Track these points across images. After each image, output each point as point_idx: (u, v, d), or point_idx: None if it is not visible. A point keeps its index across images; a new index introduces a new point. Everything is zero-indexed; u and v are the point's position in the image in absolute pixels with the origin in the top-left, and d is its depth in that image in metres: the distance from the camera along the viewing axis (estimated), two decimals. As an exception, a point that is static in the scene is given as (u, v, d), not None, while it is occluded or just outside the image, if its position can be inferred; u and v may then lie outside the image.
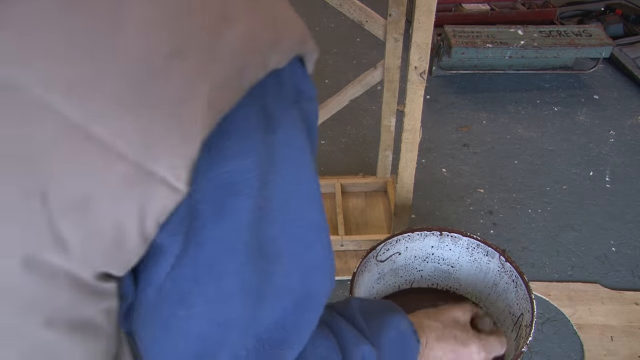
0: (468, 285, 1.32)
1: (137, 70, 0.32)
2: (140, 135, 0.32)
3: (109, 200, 0.33)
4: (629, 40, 2.55)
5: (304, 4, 3.06)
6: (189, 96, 0.33)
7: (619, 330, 1.40)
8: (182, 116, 0.32)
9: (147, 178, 0.33)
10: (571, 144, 2.08)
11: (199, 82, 0.33)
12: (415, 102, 1.16)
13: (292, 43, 0.39)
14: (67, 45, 0.31)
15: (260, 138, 0.36)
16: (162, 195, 0.33)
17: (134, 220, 0.34)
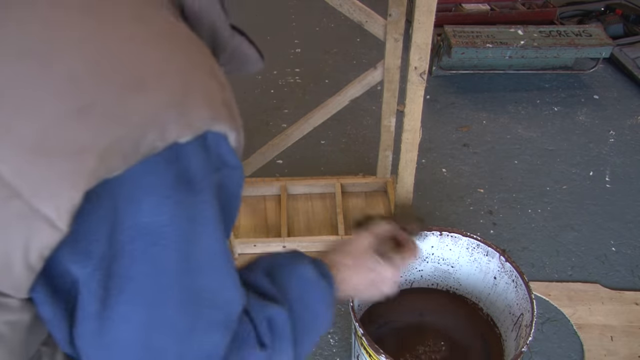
0: (468, 285, 1.32)
1: (46, 120, 0.37)
2: (37, 178, 0.37)
3: (1, 230, 0.39)
4: (629, 40, 2.55)
5: (304, 4, 3.07)
6: (83, 151, 0.37)
7: (619, 330, 1.40)
8: (73, 167, 0.38)
9: (34, 215, 0.38)
10: (571, 144, 2.08)
11: (96, 140, 0.38)
12: (415, 102, 1.16)
13: (197, 121, 0.41)
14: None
15: (178, 198, 0.41)
16: (45, 233, 0.39)
17: (20, 250, 0.39)
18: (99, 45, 0.39)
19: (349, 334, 1.39)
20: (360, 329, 0.99)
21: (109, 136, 0.38)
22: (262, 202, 1.68)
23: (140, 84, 0.39)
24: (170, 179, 0.41)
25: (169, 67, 0.41)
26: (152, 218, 0.41)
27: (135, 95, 0.39)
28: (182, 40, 0.44)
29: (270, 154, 1.58)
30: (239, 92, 2.34)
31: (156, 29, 0.43)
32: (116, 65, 0.39)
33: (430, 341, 1.28)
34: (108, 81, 0.38)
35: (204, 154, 0.42)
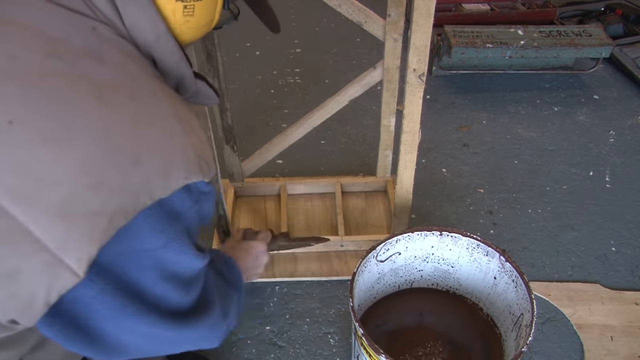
0: (468, 285, 1.32)
1: (68, 191, 0.49)
2: (62, 235, 0.49)
3: (30, 275, 0.50)
4: (629, 40, 2.55)
5: (304, 4, 3.07)
6: (97, 215, 0.50)
7: (619, 330, 1.40)
8: (90, 228, 0.50)
9: (59, 265, 0.50)
10: (571, 144, 2.08)
11: (106, 207, 0.51)
12: (414, 103, 1.16)
13: (175, 182, 0.56)
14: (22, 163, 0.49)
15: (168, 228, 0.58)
16: (66, 278, 0.51)
17: (44, 291, 0.51)
18: (105, 131, 0.52)
19: (349, 334, 1.40)
20: (360, 329, 0.99)
21: (115, 203, 0.52)
22: (262, 202, 1.68)
23: (135, 161, 0.53)
24: (156, 220, 0.56)
25: (156, 143, 0.55)
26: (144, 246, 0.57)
27: (132, 171, 0.52)
28: (166, 112, 0.58)
29: (270, 154, 1.59)
30: (240, 92, 2.34)
31: (147, 106, 0.57)
32: (117, 148, 0.52)
33: (430, 341, 1.28)
34: (112, 162, 0.52)
35: (186, 194, 0.58)
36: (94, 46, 0.56)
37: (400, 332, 1.31)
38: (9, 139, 0.49)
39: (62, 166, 0.50)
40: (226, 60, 1.34)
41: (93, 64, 0.55)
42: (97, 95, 0.53)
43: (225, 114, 1.44)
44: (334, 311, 1.46)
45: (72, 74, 0.53)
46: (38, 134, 0.49)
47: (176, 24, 0.64)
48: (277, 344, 1.38)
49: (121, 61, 0.57)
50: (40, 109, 0.50)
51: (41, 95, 0.51)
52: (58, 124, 0.50)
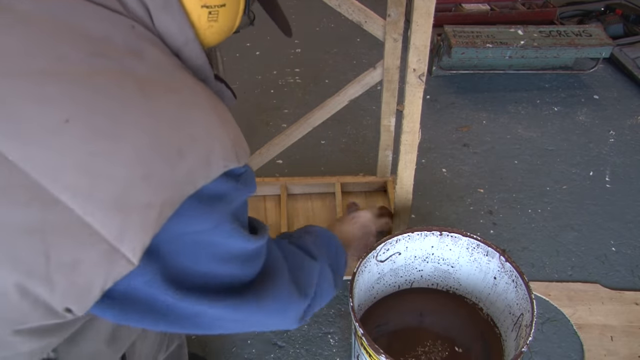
0: (468, 285, 1.32)
1: (121, 185, 0.52)
2: (118, 227, 0.53)
3: (90, 265, 0.53)
4: (629, 40, 2.55)
5: (304, 4, 3.07)
6: (149, 207, 0.54)
7: (619, 330, 1.40)
8: (143, 219, 0.54)
9: (115, 254, 0.53)
10: (571, 144, 2.08)
11: (156, 198, 0.54)
12: (414, 104, 1.16)
13: (215, 171, 0.59)
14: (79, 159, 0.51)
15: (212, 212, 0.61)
16: (122, 266, 0.54)
17: (101, 280, 0.54)
18: (151, 126, 0.55)
19: (349, 334, 1.40)
20: (360, 329, 0.99)
21: (165, 194, 0.55)
22: (262, 202, 1.68)
23: (180, 153, 0.56)
24: (201, 205, 0.59)
25: (197, 134, 0.58)
26: (192, 228, 0.60)
27: (178, 162, 0.55)
28: (202, 104, 0.61)
29: (270, 154, 1.58)
30: (240, 92, 2.34)
31: (186, 99, 0.60)
32: (164, 141, 0.55)
33: (430, 341, 1.28)
34: (160, 155, 0.55)
35: (226, 178, 0.61)
36: (134, 44, 0.58)
37: (400, 332, 1.31)
38: (67, 136, 0.51)
39: (115, 161, 0.52)
40: (226, 60, 1.34)
41: (135, 61, 0.58)
42: (141, 90, 0.56)
43: (225, 114, 1.44)
44: (334, 311, 1.46)
45: (117, 71, 0.55)
46: (92, 131, 0.52)
47: (201, 29, 0.67)
48: (277, 344, 1.38)
49: (159, 58, 0.61)
50: (92, 107, 0.53)
51: (91, 93, 0.53)
52: (109, 121, 0.53)
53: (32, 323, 0.55)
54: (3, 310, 0.53)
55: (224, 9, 0.68)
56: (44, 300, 0.54)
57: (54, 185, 0.51)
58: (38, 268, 0.52)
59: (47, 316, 0.55)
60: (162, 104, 0.57)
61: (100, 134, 0.52)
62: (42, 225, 0.51)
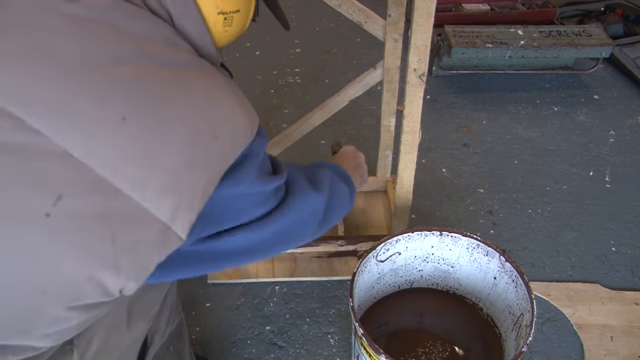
0: (468, 285, 1.32)
1: (170, 171, 0.60)
2: (171, 209, 0.60)
3: (148, 244, 0.60)
4: (629, 40, 2.55)
5: (304, 4, 3.07)
6: (194, 187, 0.62)
7: (619, 330, 1.40)
8: (191, 200, 0.62)
9: (168, 232, 0.61)
10: (571, 144, 2.08)
11: (200, 180, 0.62)
12: (414, 104, 1.16)
13: (240, 148, 0.67)
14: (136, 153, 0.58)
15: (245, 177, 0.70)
16: (174, 242, 0.62)
17: (156, 256, 0.62)
18: (189, 116, 0.61)
19: (349, 334, 1.40)
20: (360, 329, 0.99)
21: (206, 176, 0.63)
22: (262, 202, 1.68)
23: (214, 138, 0.63)
24: (231, 175, 0.67)
25: (224, 118, 0.65)
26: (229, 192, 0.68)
27: (213, 146, 0.63)
28: (224, 89, 0.67)
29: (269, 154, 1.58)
30: (239, 92, 2.34)
31: (212, 87, 0.66)
32: (201, 128, 0.62)
33: (430, 341, 1.28)
34: (200, 141, 0.62)
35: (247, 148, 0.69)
36: (169, 38, 0.65)
37: (400, 332, 1.31)
38: (125, 133, 0.57)
39: (165, 151, 0.59)
40: (226, 60, 1.34)
41: (171, 54, 0.64)
42: (178, 82, 0.62)
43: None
44: (334, 311, 1.46)
45: (159, 67, 0.61)
46: (144, 127, 0.58)
47: (216, 33, 0.74)
48: (277, 344, 1.38)
49: (188, 49, 0.67)
50: (143, 103, 0.59)
51: (141, 90, 0.59)
52: (157, 117, 0.59)
53: (87, 300, 0.60)
54: (63, 289, 0.58)
55: (238, 14, 0.75)
56: (107, 284, 0.59)
57: (114, 178, 0.57)
58: (106, 252, 0.58)
59: (102, 296, 0.61)
60: (195, 92, 0.64)
61: (150, 130, 0.59)
62: (105, 212, 0.57)
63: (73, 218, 0.56)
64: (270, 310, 1.46)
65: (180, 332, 1.06)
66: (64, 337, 0.65)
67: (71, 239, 0.56)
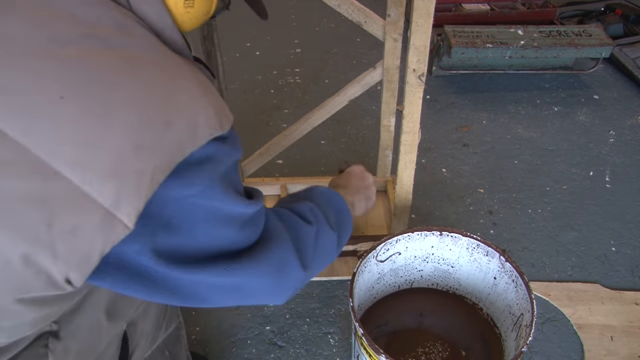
0: (468, 285, 1.32)
1: (115, 155, 0.56)
2: (114, 195, 0.56)
3: (89, 230, 0.57)
4: (629, 40, 2.55)
5: (304, 4, 3.07)
6: (141, 173, 0.57)
7: (619, 330, 1.40)
8: (137, 185, 0.57)
9: (113, 219, 0.57)
10: (571, 144, 2.08)
11: (148, 166, 0.58)
12: (414, 104, 1.16)
13: (202, 139, 0.62)
14: (75, 133, 0.55)
15: (201, 176, 0.64)
16: (119, 230, 0.58)
17: (100, 244, 0.58)
18: (140, 99, 0.59)
19: (349, 334, 1.40)
20: (360, 329, 0.99)
21: (156, 161, 0.59)
22: (262, 203, 1.68)
23: (167, 124, 0.59)
24: (190, 170, 0.62)
25: (183, 106, 0.62)
26: (183, 193, 0.63)
27: (166, 133, 0.59)
28: (187, 77, 0.64)
29: (270, 154, 1.58)
30: (239, 92, 2.34)
31: (171, 73, 0.63)
32: (153, 113, 0.59)
33: (430, 341, 1.28)
34: (150, 126, 0.58)
35: (212, 144, 0.64)
36: (121, 23, 0.62)
37: (400, 332, 1.31)
38: (63, 112, 0.55)
39: (107, 134, 0.56)
40: (226, 60, 1.34)
41: (124, 39, 0.61)
42: (130, 66, 0.60)
43: (225, 114, 1.44)
44: (334, 311, 1.46)
45: (107, 49, 0.59)
46: (86, 106, 0.56)
47: (178, 14, 0.70)
48: (277, 344, 1.38)
49: (145, 34, 0.64)
50: (84, 84, 0.56)
51: (83, 71, 0.57)
52: (101, 97, 0.57)
53: (34, 293, 0.59)
54: (7, 278, 0.57)
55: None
56: (47, 269, 0.57)
57: (52, 158, 0.55)
58: (41, 236, 0.56)
59: (48, 287, 0.59)
60: (149, 78, 0.61)
61: (93, 109, 0.56)
62: (43, 195, 0.55)
63: (8, 200, 0.54)
64: (270, 310, 1.46)
65: (177, 336, 1.05)
66: (20, 334, 0.64)
67: (5, 221, 0.55)
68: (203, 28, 1.25)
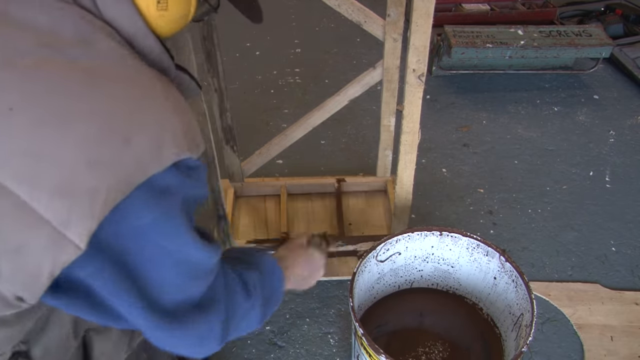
0: (468, 285, 1.32)
1: (67, 170, 0.53)
2: (64, 213, 0.53)
3: (35, 250, 0.54)
4: (629, 40, 2.55)
5: (304, 4, 3.07)
6: (95, 191, 0.54)
7: (619, 330, 1.40)
8: (89, 204, 0.54)
9: (62, 239, 0.53)
10: (571, 144, 2.08)
11: (103, 183, 0.54)
12: (414, 104, 1.16)
13: (166, 159, 0.59)
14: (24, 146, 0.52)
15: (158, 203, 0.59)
16: (69, 251, 0.54)
17: (49, 265, 0.55)
18: (97, 113, 0.55)
19: (349, 334, 1.40)
20: (360, 329, 0.99)
21: (111, 180, 0.55)
22: (262, 202, 1.68)
23: (127, 140, 0.56)
24: (150, 195, 0.58)
25: (147, 122, 0.58)
26: (141, 221, 0.59)
27: (124, 149, 0.55)
28: (154, 92, 0.61)
29: (270, 154, 1.59)
30: (240, 92, 2.34)
31: (137, 87, 0.60)
32: (112, 128, 0.55)
33: (430, 341, 1.28)
34: (108, 141, 0.55)
35: (176, 170, 0.60)
36: (84, 34, 0.59)
37: (400, 332, 1.31)
38: (11, 124, 0.52)
39: (59, 147, 0.53)
40: (226, 60, 1.34)
41: (84, 50, 0.58)
42: (88, 79, 0.56)
43: (225, 114, 1.44)
44: (334, 311, 1.46)
45: (64, 61, 0.56)
46: (37, 118, 0.53)
47: (151, 18, 0.66)
48: (277, 344, 1.38)
49: (111, 46, 0.61)
50: (37, 96, 0.54)
51: (37, 82, 0.54)
52: (54, 109, 0.54)
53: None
54: None
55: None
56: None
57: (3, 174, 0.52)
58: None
59: (1, 306, 0.57)
60: (110, 92, 0.57)
61: (44, 122, 0.53)
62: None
63: None
64: (270, 310, 1.46)
65: None
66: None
67: None
68: (203, 28, 1.25)
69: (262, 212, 1.65)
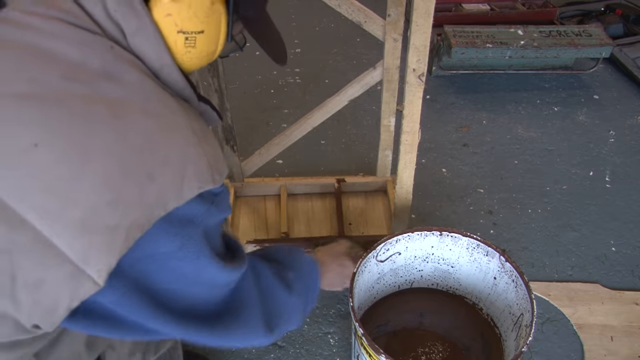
0: (468, 285, 1.32)
1: (88, 208, 0.54)
2: (83, 249, 0.54)
3: (54, 285, 0.55)
4: (629, 40, 2.55)
5: (304, 4, 3.07)
6: (115, 229, 0.55)
7: (619, 330, 1.40)
8: (109, 241, 0.55)
9: (81, 275, 0.55)
10: (571, 144, 2.08)
11: (123, 221, 0.55)
12: (414, 104, 1.16)
13: (189, 193, 0.60)
14: (47, 182, 0.53)
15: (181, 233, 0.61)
16: (88, 287, 0.55)
17: (67, 299, 0.56)
18: (120, 150, 0.55)
19: (349, 334, 1.40)
20: (360, 329, 0.99)
21: (132, 217, 0.55)
22: (262, 202, 1.68)
23: (150, 177, 0.56)
24: (171, 226, 0.59)
25: (170, 156, 0.59)
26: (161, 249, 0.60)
27: (148, 186, 0.56)
28: (180, 125, 0.62)
29: (270, 154, 1.59)
30: (240, 92, 2.34)
31: (161, 121, 0.60)
32: (133, 165, 0.56)
33: (430, 341, 1.28)
34: (128, 179, 0.55)
35: (199, 200, 0.61)
36: (111, 66, 0.59)
37: (401, 332, 1.30)
38: (36, 161, 0.53)
39: (82, 184, 0.54)
40: (226, 60, 1.34)
41: (109, 84, 0.58)
42: (113, 114, 0.56)
43: (225, 114, 1.44)
44: (334, 311, 1.46)
45: (89, 96, 0.56)
46: (60, 154, 0.54)
47: (178, 54, 0.67)
48: (277, 343, 1.38)
49: (137, 79, 0.61)
50: (61, 131, 0.54)
51: (61, 117, 0.54)
52: (78, 145, 0.54)
53: (3, 338, 0.58)
54: None
55: (202, 35, 0.67)
56: (12, 316, 0.56)
57: (20, 206, 0.52)
58: (4, 288, 0.54)
59: (17, 332, 0.57)
60: (135, 127, 0.57)
61: (68, 158, 0.54)
62: (9, 246, 0.53)
63: None
64: (270, 310, 1.46)
65: (170, 357, 1.04)
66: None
67: None
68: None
69: (262, 212, 1.65)
